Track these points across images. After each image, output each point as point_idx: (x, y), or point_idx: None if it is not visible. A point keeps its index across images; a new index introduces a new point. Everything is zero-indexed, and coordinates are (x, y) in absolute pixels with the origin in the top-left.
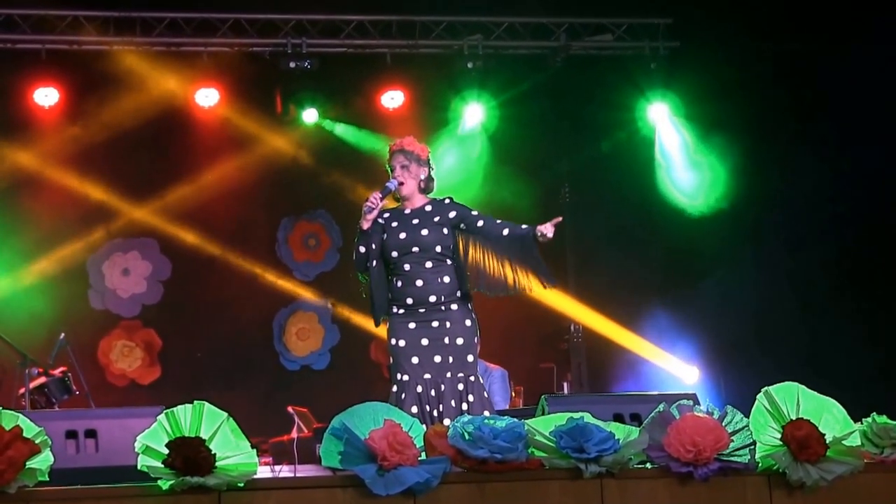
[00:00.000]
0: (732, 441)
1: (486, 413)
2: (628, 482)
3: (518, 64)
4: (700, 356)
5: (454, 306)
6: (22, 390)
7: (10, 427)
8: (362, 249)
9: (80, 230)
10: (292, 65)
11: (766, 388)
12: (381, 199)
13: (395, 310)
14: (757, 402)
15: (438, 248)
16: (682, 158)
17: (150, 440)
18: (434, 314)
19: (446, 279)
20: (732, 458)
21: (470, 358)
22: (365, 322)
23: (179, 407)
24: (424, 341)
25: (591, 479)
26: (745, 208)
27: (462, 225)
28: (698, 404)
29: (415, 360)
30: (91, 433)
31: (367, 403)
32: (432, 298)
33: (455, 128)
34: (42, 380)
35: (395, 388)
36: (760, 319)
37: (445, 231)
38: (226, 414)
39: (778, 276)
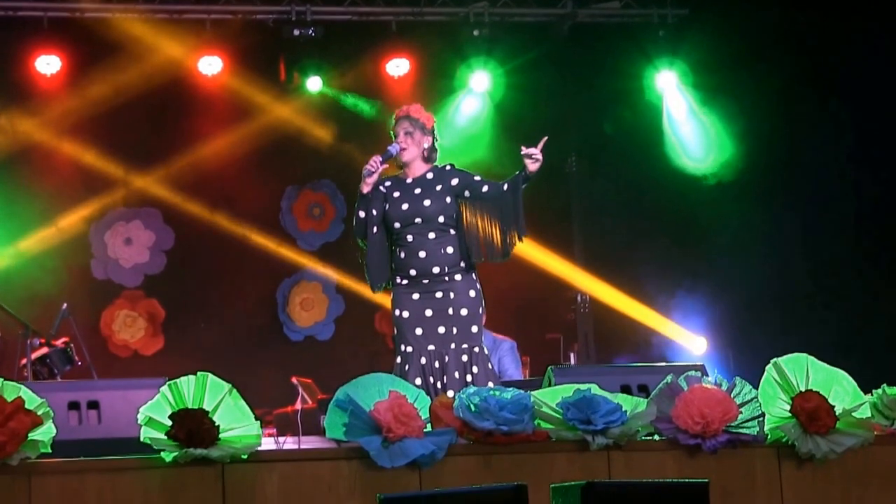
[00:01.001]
0: (741, 413)
1: (491, 384)
2: (636, 454)
3: (524, 31)
4: (708, 327)
5: (458, 277)
6: (24, 361)
7: (12, 398)
8: (362, 214)
9: (83, 199)
10: (296, 32)
11: (775, 359)
12: (382, 163)
13: (398, 280)
14: (766, 373)
15: (441, 219)
16: (689, 127)
17: (153, 412)
18: (438, 285)
19: (450, 249)
20: (741, 430)
21: (474, 329)
22: (370, 292)
23: (182, 378)
24: (428, 312)
25: (599, 452)
26: (755, 177)
27: (466, 192)
28: (707, 375)
29: (418, 331)
30: (93, 404)
31: (372, 374)
32: (436, 269)
33: (460, 96)
34: (44, 350)
35: (398, 360)
36: (770, 290)
37: (448, 200)
38: (229, 385)
39: (788, 247)
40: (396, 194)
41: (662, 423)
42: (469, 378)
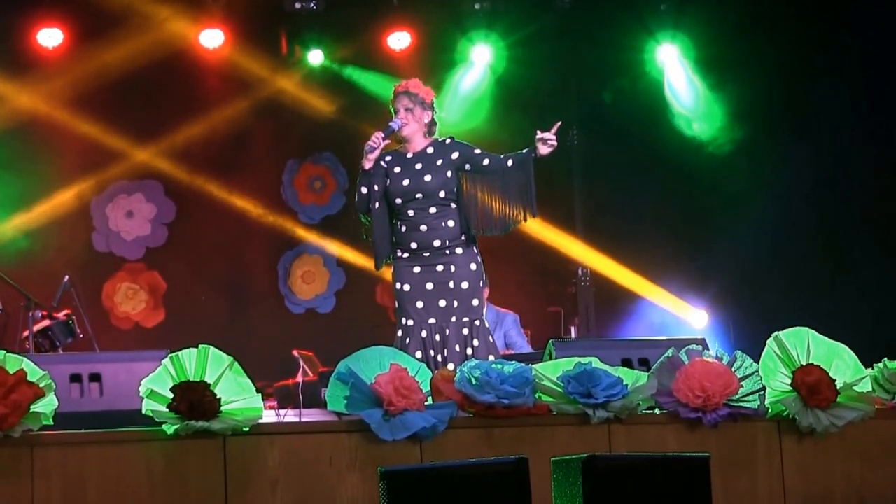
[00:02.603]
0: (742, 386)
1: (492, 357)
2: (636, 428)
3: (525, 4)
4: (709, 301)
5: (459, 250)
6: (25, 333)
7: (14, 370)
8: (364, 190)
9: (84, 172)
10: (298, 5)
11: (776, 333)
12: (384, 139)
13: (399, 253)
14: (767, 347)
15: (442, 193)
16: (690, 100)
17: (154, 384)
18: (439, 258)
19: (451, 223)
20: (742, 404)
21: (475, 302)
22: (371, 265)
23: (184, 351)
24: (429, 285)
25: (599, 425)
26: (756, 150)
27: (467, 166)
28: (707, 349)
29: (419, 304)
30: (95, 377)
31: (373, 348)
32: (436, 243)
33: (462, 69)
34: (46, 323)
35: (399, 333)
36: (771, 264)
37: (449, 174)
38: (231, 358)
39: (789, 220)
40: (397, 169)
41: (663, 397)
42: (470, 351)
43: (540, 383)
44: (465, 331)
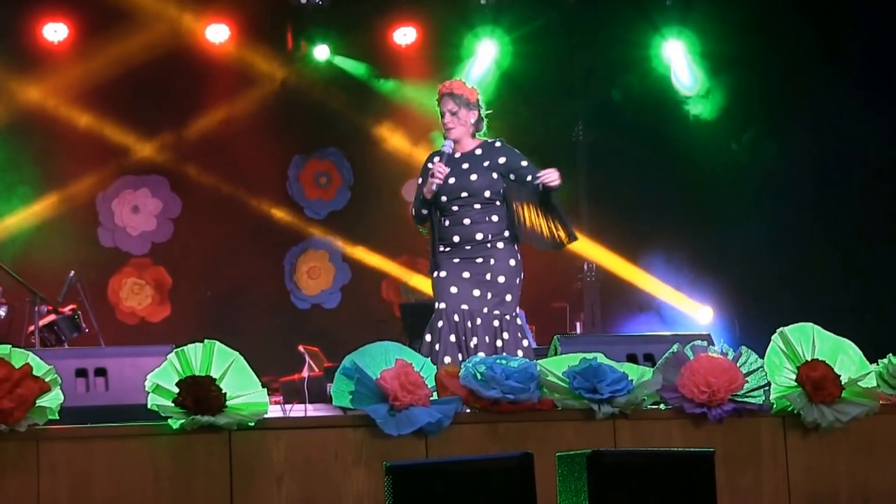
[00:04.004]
0: (747, 382)
1: (520, 353)
2: (641, 423)
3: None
4: (714, 296)
5: (500, 245)
6: (31, 328)
7: (20, 365)
8: (424, 212)
9: (90, 167)
10: (303, 1)
11: (781, 328)
12: (445, 165)
13: (441, 248)
14: (772, 342)
15: (487, 193)
16: (698, 96)
17: (160, 379)
18: (479, 251)
19: (494, 218)
20: (747, 400)
21: (509, 297)
22: (376, 261)
23: (190, 346)
24: (466, 274)
25: (604, 420)
26: (763, 147)
27: (511, 175)
28: (712, 345)
29: (453, 289)
30: (101, 371)
31: (379, 343)
32: (479, 236)
33: (468, 64)
34: (52, 317)
35: (434, 317)
36: (776, 259)
37: (495, 176)
38: (236, 353)
39: (795, 216)
40: (443, 168)
41: (668, 392)
42: (499, 344)
43: (545, 379)
44: (496, 323)
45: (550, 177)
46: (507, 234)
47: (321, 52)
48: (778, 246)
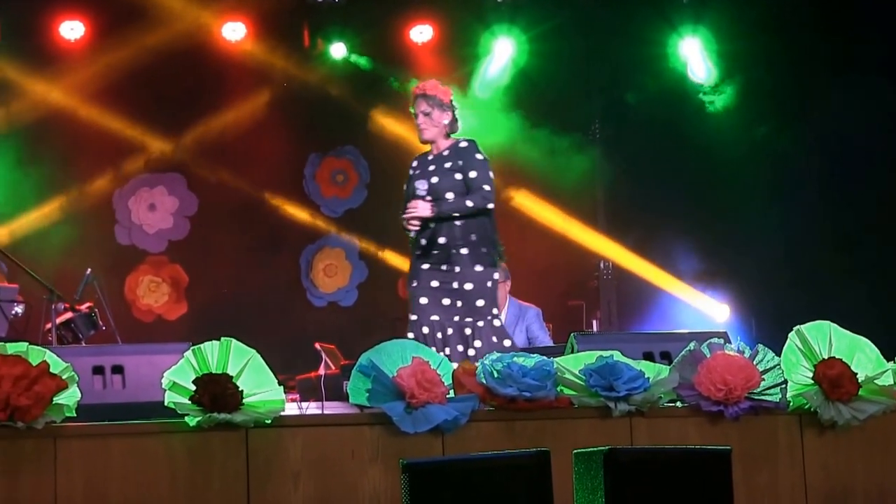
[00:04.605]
0: (763, 380)
1: None
2: (658, 421)
3: None
4: (731, 294)
5: (464, 251)
6: (48, 326)
7: (37, 362)
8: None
9: (106, 165)
10: None
11: (797, 326)
12: (418, 169)
13: (415, 251)
14: (789, 340)
15: (450, 195)
16: (713, 94)
17: (177, 376)
18: (443, 257)
19: (457, 223)
20: (763, 397)
21: (480, 302)
22: (393, 258)
23: (206, 343)
24: (434, 283)
25: (621, 418)
26: (780, 145)
27: (466, 184)
28: (729, 343)
29: (423, 300)
30: (118, 369)
31: (396, 341)
32: (441, 240)
33: (484, 62)
34: (68, 315)
35: (408, 329)
36: (793, 258)
37: (458, 177)
38: (253, 350)
39: (812, 214)
40: (417, 171)
41: (685, 390)
42: (472, 353)
43: (562, 376)
44: (468, 331)
45: (411, 208)
46: (473, 237)
47: (338, 50)
48: (794, 244)
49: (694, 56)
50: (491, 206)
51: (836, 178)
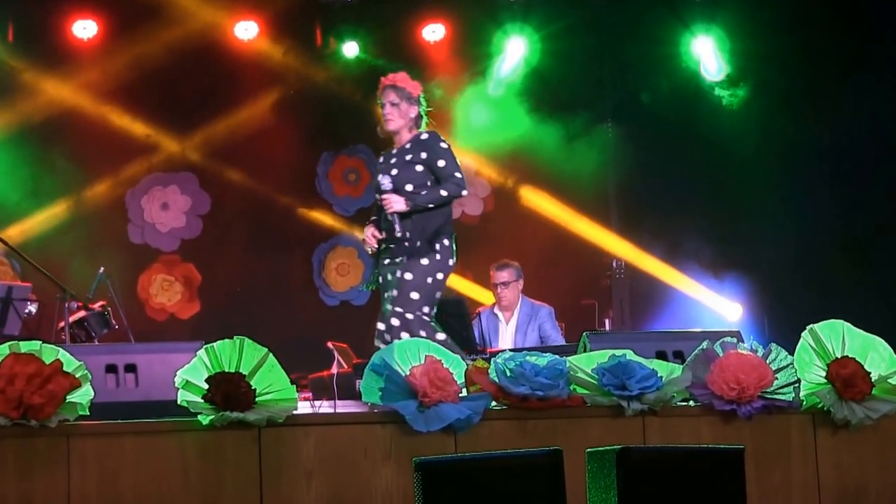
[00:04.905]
0: (776, 379)
1: None
2: (671, 420)
3: None
4: (743, 293)
5: (418, 243)
6: (62, 324)
7: (50, 361)
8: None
9: (119, 164)
10: None
11: (811, 325)
12: (381, 194)
13: (381, 245)
14: (802, 339)
15: (410, 187)
16: (726, 93)
17: (190, 375)
18: (400, 250)
19: (414, 216)
20: (776, 396)
21: (414, 295)
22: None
23: (219, 342)
24: (389, 276)
25: (634, 417)
26: (793, 144)
27: (432, 175)
28: (742, 342)
29: (382, 294)
30: (131, 367)
31: (408, 339)
32: (398, 233)
33: (497, 61)
34: (81, 314)
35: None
36: (805, 257)
37: (419, 169)
38: (266, 349)
39: (823, 213)
40: (381, 165)
41: (697, 389)
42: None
43: (574, 375)
44: (395, 321)
45: (387, 204)
46: (429, 233)
47: (350, 49)
48: (807, 243)
49: (707, 55)
50: (465, 192)
51: (848, 178)
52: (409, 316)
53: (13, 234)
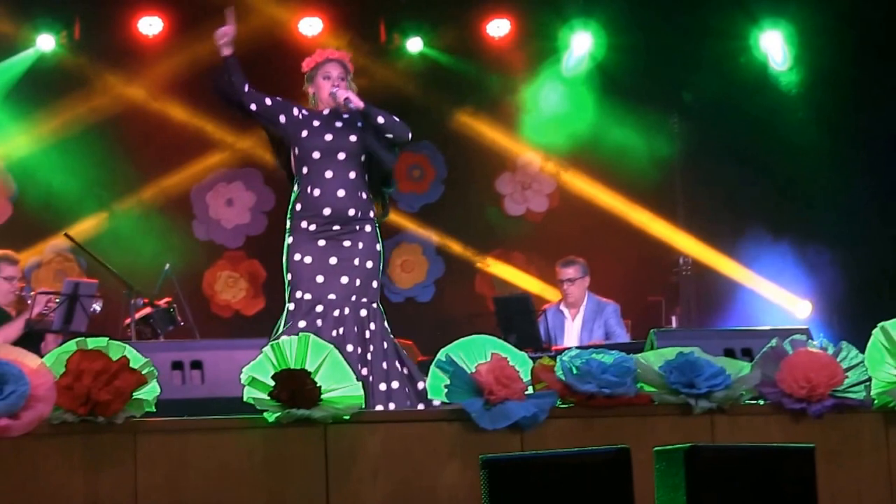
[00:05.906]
0: (847, 377)
1: (385, 344)
2: (740, 418)
3: None
4: (813, 290)
5: (367, 227)
6: (127, 321)
7: (117, 357)
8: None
9: (184, 160)
10: None
11: (882, 323)
12: (342, 103)
13: (303, 225)
14: (873, 337)
15: (363, 158)
16: (794, 86)
17: (255, 372)
18: (347, 233)
19: (363, 195)
20: (847, 395)
21: (375, 284)
22: (471, 254)
23: (285, 339)
24: (333, 260)
25: (701, 416)
26: (867, 139)
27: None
28: (812, 339)
29: (320, 279)
30: (197, 364)
31: (474, 336)
32: (351, 212)
33: (562, 57)
34: (147, 310)
35: (291, 307)
36: (877, 253)
37: (354, 138)
38: (331, 346)
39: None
40: (316, 123)
41: (767, 388)
42: (367, 335)
43: (641, 373)
44: (363, 312)
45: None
46: (371, 213)
47: (414, 45)
48: (880, 240)
49: (775, 49)
50: (409, 136)
51: None
52: (375, 306)
53: (79, 231)
